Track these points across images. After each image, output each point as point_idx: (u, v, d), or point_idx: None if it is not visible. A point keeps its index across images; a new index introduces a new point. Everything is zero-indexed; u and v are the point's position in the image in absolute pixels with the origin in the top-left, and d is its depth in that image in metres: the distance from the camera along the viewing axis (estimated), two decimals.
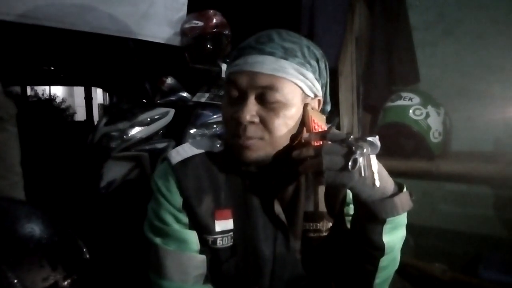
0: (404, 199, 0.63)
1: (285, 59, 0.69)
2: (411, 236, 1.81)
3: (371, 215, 0.63)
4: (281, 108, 0.69)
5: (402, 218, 0.66)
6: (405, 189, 0.65)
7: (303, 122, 0.72)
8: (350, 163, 0.59)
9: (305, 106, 0.72)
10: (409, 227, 1.94)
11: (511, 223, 1.62)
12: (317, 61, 0.73)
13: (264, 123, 0.69)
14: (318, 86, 0.74)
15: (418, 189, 1.86)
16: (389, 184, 0.64)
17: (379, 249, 0.66)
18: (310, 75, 0.71)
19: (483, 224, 1.70)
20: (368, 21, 1.74)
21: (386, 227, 0.64)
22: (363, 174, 0.61)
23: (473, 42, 1.66)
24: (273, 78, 0.68)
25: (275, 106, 0.69)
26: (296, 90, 0.70)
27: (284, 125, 0.70)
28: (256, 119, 0.69)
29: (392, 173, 1.96)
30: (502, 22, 1.59)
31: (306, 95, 0.72)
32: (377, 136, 0.61)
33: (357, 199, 0.64)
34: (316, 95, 0.74)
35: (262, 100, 0.69)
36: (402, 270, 1.66)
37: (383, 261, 0.68)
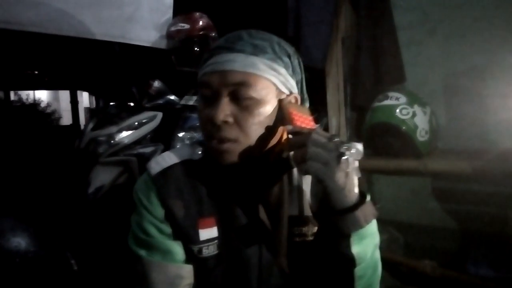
0: (367, 210, 0.62)
1: (255, 55, 0.69)
2: (401, 234, 1.83)
3: (335, 229, 0.62)
4: (255, 105, 0.68)
5: (369, 228, 0.64)
6: (368, 198, 0.64)
7: (281, 118, 0.71)
8: (341, 161, 0.59)
9: (280, 101, 0.70)
10: (398, 225, 1.95)
11: (498, 219, 1.64)
12: (289, 57, 0.73)
13: (239, 123, 0.68)
14: (292, 82, 0.73)
15: (407, 187, 1.88)
16: (355, 193, 0.63)
17: (350, 261, 0.65)
18: (282, 70, 0.71)
19: (471, 221, 1.72)
20: (354, 22, 1.75)
21: (353, 239, 0.63)
22: (353, 176, 0.61)
23: (457, 41, 1.68)
24: (245, 75, 0.68)
25: (249, 104, 0.68)
26: (270, 86, 0.70)
27: (259, 124, 0.69)
28: (230, 119, 0.68)
29: (381, 172, 1.97)
30: (485, 21, 1.61)
31: (281, 92, 0.72)
32: (361, 143, 0.61)
33: (321, 206, 0.63)
34: (291, 92, 0.74)
35: (236, 98, 0.68)
36: (392, 268, 1.67)
37: (359, 271, 0.66)
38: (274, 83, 0.70)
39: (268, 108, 0.70)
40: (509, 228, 1.61)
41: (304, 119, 0.69)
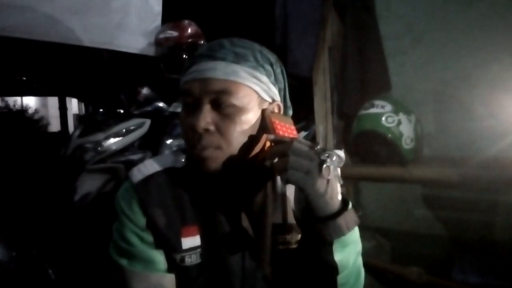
0: (349, 218, 0.63)
1: (237, 63, 0.69)
2: (387, 241, 1.84)
3: (317, 236, 0.63)
4: (237, 113, 0.68)
5: (352, 235, 0.65)
6: (350, 206, 0.65)
7: (264, 127, 0.71)
8: (323, 169, 0.59)
9: (264, 110, 0.71)
10: (385, 232, 1.96)
11: (484, 226, 1.66)
12: (271, 65, 0.73)
13: (220, 131, 0.68)
14: (274, 90, 0.74)
15: (393, 195, 1.89)
16: (337, 200, 0.64)
17: (333, 269, 0.65)
18: (264, 78, 0.71)
19: (458, 227, 1.74)
20: (340, 32, 1.77)
21: (335, 246, 0.64)
22: (335, 183, 0.62)
23: (442, 51, 1.71)
24: (226, 83, 0.68)
25: (230, 112, 0.68)
26: (252, 94, 0.70)
27: (241, 132, 0.69)
28: (212, 127, 0.68)
29: (367, 179, 1.98)
30: (468, 32, 1.64)
31: (263, 100, 0.72)
32: (343, 150, 0.62)
33: (304, 214, 0.64)
34: (274, 100, 0.74)
35: (217, 106, 0.68)
36: (379, 275, 1.68)
37: (341, 278, 0.67)
38: (256, 91, 0.70)
39: (250, 116, 0.70)
40: (495, 235, 1.63)
41: (286, 129, 0.70)
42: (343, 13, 1.75)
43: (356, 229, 0.67)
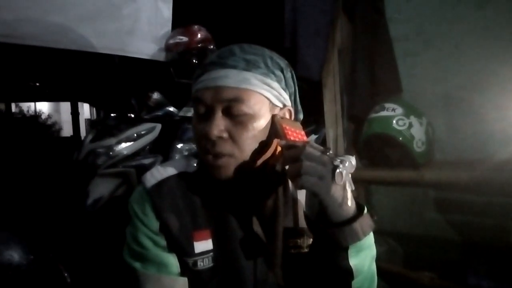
0: (364, 223, 0.63)
1: (248, 70, 0.69)
2: (399, 245, 1.83)
3: (332, 241, 0.63)
4: (249, 120, 0.69)
5: (367, 240, 0.65)
6: (365, 211, 0.65)
7: (274, 133, 0.72)
8: (335, 175, 0.59)
9: (273, 116, 0.72)
10: (397, 236, 1.94)
11: (497, 229, 1.64)
12: (282, 71, 0.73)
13: (233, 138, 0.69)
14: (285, 96, 0.74)
15: (405, 198, 1.88)
16: (352, 205, 0.64)
17: (348, 273, 0.65)
18: (275, 84, 0.71)
19: (470, 231, 1.72)
20: (350, 34, 1.77)
21: (351, 251, 0.64)
22: (347, 189, 0.62)
23: (452, 53, 1.69)
24: (238, 91, 0.68)
25: (243, 119, 0.69)
26: (263, 101, 0.71)
27: (253, 138, 0.70)
28: (225, 134, 0.69)
29: (378, 182, 1.96)
30: (478, 34, 1.63)
31: (274, 105, 0.72)
32: (354, 156, 0.62)
33: (318, 218, 0.64)
34: (285, 105, 0.75)
35: (230, 114, 0.69)
36: (391, 279, 1.66)
37: (356, 283, 0.67)
38: (267, 97, 0.71)
39: (262, 122, 0.71)
40: (508, 239, 1.60)
41: (297, 134, 0.70)
42: (352, 16, 1.75)
43: (371, 234, 0.67)
